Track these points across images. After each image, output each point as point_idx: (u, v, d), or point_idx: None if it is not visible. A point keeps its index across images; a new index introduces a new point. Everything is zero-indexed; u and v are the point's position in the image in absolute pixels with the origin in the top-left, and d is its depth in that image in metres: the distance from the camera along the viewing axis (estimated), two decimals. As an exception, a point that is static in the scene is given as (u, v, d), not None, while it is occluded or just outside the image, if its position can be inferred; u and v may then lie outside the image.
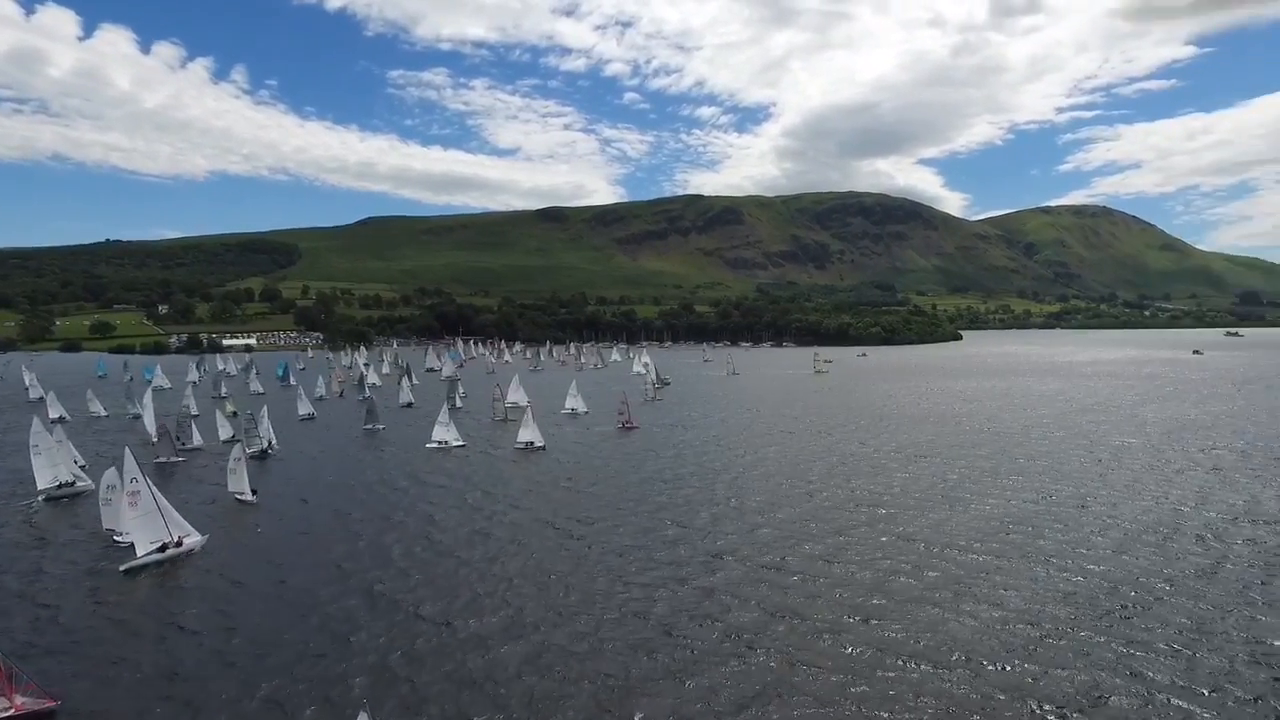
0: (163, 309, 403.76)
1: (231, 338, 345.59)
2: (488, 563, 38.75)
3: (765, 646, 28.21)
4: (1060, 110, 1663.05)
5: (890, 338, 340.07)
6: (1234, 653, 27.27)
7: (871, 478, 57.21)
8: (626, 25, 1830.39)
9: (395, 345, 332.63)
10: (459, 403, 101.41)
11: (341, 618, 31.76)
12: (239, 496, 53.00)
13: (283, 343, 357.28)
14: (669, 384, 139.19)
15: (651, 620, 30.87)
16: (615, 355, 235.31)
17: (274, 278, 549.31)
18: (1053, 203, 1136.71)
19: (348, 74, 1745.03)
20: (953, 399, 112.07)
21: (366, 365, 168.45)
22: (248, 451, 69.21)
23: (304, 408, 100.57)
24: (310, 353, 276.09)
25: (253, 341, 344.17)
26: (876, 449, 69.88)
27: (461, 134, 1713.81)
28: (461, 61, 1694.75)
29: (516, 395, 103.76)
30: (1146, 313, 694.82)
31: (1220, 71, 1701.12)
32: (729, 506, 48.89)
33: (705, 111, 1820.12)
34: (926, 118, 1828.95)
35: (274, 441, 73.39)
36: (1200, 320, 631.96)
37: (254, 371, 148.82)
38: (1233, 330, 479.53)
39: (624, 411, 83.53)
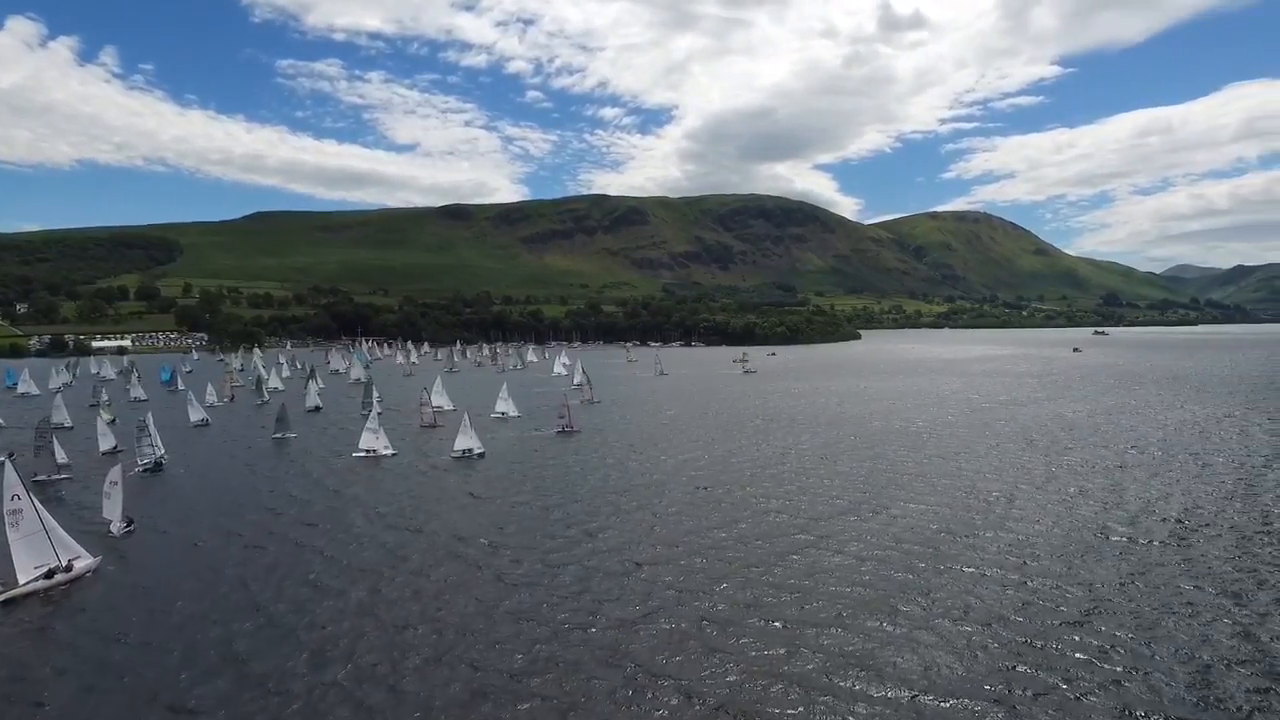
0: (21, 308, 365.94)
1: (103, 339, 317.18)
2: (400, 609, 31.81)
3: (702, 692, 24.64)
4: (943, 121, 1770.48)
5: (794, 337, 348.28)
6: (1175, 659, 26.36)
7: (813, 481, 55.53)
8: (528, 23, 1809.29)
9: (289, 346, 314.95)
10: (377, 407, 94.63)
11: (191, 682, 25.63)
12: (112, 526, 43.26)
13: (162, 344, 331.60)
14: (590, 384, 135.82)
15: (573, 682, 25.47)
16: (531, 355, 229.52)
17: (152, 274, 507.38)
18: (938, 208, 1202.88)
19: (232, 61, 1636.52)
20: (866, 399, 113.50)
21: (266, 367, 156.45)
22: (140, 464, 61.80)
23: (196, 414, 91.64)
24: (196, 355, 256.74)
25: (127, 343, 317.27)
26: (810, 450, 68.92)
27: (357, 128, 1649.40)
28: (356, 53, 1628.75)
29: (441, 399, 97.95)
30: (1024, 312, 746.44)
31: (1082, 90, 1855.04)
32: (679, 528, 43.39)
33: (608, 112, 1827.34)
34: (821, 124, 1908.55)
35: (164, 453, 65.47)
36: (1070, 320, 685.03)
37: (134, 375, 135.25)
38: (1100, 330, 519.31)
39: (564, 415, 79.80)
